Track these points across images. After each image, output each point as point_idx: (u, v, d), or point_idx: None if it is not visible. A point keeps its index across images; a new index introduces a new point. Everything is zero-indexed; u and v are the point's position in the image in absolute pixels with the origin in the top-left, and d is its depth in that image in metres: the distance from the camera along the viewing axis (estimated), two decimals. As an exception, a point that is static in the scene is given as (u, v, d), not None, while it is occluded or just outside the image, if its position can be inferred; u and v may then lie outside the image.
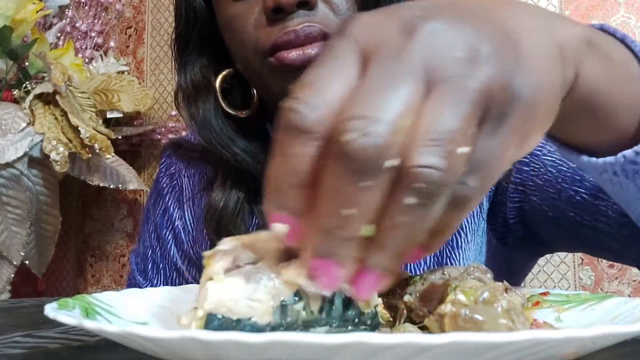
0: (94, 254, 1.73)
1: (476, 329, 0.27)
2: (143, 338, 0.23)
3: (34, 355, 0.34)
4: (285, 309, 0.27)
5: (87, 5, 1.71)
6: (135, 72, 1.71)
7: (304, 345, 0.21)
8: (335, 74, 0.25)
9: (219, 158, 0.66)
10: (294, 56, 0.55)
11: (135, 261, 0.77)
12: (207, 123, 0.64)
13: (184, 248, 0.73)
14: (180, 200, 0.74)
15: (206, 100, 0.65)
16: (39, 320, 0.47)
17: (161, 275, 0.74)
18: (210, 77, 0.66)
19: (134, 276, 0.76)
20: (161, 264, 0.74)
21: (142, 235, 0.78)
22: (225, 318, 0.27)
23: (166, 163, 0.78)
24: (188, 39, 0.68)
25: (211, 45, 0.66)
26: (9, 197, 1.34)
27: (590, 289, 1.25)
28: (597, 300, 0.37)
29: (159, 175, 0.78)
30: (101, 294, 0.37)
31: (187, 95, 0.66)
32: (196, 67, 0.67)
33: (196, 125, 0.65)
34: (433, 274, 0.36)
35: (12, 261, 1.36)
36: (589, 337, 0.23)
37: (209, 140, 0.64)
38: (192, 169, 0.75)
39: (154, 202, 0.77)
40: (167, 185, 0.76)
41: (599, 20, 1.28)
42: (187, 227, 0.73)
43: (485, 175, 0.25)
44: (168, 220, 0.74)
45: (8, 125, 1.32)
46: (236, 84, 0.67)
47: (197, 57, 0.67)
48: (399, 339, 0.21)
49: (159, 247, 0.75)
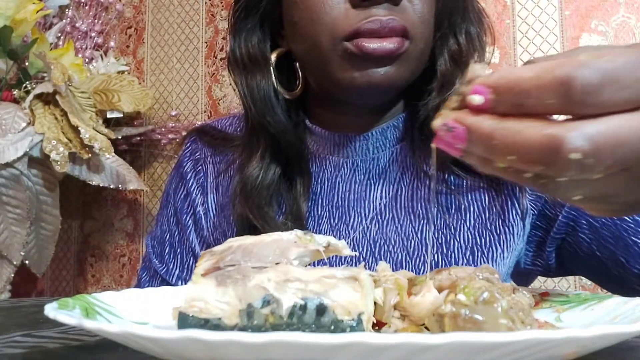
0: (94, 254, 1.73)
1: (476, 329, 0.27)
2: (143, 338, 0.23)
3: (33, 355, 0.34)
4: (252, 312, 0.28)
5: (87, 5, 1.71)
6: (135, 72, 1.71)
7: (304, 345, 0.21)
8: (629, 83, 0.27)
9: (262, 128, 0.66)
10: (375, 46, 0.55)
11: (152, 244, 0.76)
12: (266, 99, 0.64)
13: (204, 234, 0.72)
14: (204, 185, 0.74)
15: (265, 75, 0.65)
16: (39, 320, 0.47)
17: (177, 260, 0.73)
18: (266, 52, 0.66)
19: (149, 258, 0.76)
20: (179, 248, 0.74)
21: (160, 219, 0.77)
22: (194, 317, 0.28)
23: (191, 148, 0.77)
24: (254, 7, 0.66)
25: (271, 22, 0.66)
26: (9, 197, 1.34)
27: (590, 289, 1.25)
28: (597, 300, 0.37)
29: (182, 159, 0.77)
30: (101, 294, 0.37)
31: (243, 65, 0.66)
32: (254, 38, 0.66)
33: (253, 99, 0.65)
34: (439, 275, 0.36)
35: (12, 261, 1.36)
36: (589, 337, 0.23)
37: (263, 115, 0.64)
38: (218, 156, 0.74)
39: (175, 187, 0.76)
40: (191, 170, 0.75)
41: (599, 20, 1.28)
42: (209, 214, 0.72)
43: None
44: (189, 205, 0.74)
45: (8, 125, 1.31)
46: (282, 63, 0.67)
47: (257, 29, 0.67)
48: (399, 339, 0.21)
49: (178, 231, 0.74)
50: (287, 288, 0.29)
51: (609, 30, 1.27)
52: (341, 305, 0.29)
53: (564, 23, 1.31)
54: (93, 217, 1.74)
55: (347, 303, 0.29)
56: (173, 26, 1.69)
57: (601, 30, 1.28)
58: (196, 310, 0.28)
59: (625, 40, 1.26)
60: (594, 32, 1.29)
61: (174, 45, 1.68)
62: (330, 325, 0.29)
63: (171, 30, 1.69)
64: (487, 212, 0.61)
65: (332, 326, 0.29)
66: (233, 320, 0.28)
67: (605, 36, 1.28)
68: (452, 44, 0.63)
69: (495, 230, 0.61)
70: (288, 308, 0.28)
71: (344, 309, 0.29)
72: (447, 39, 0.63)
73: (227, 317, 0.28)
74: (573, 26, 1.30)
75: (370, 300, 0.31)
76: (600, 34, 1.28)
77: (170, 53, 1.68)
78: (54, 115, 1.32)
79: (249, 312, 0.28)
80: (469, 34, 0.64)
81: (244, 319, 0.28)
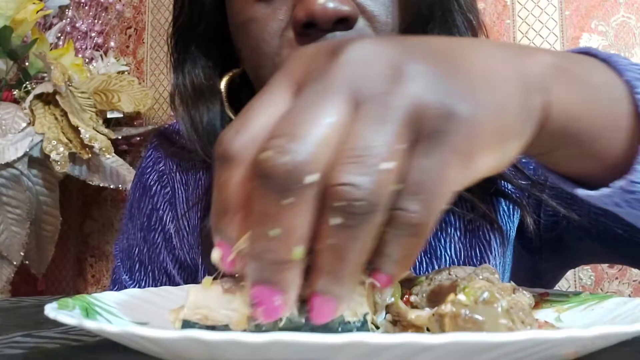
0: (94, 254, 1.73)
1: (476, 329, 0.27)
2: (143, 338, 0.23)
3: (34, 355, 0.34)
4: None
5: (87, 5, 1.71)
6: (135, 72, 1.71)
7: (304, 345, 0.21)
8: (265, 104, 0.25)
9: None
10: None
11: (120, 256, 0.70)
12: (212, 133, 0.57)
13: (176, 253, 0.66)
14: (171, 202, 0.67)
15: (210, 106, 0.57)
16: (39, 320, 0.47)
17: (149, 278, 0.67)
18: (215, 79, 0.58)
19: (119, 273, 0.69)
20: (149, 266, 0.67)
21: (127, 231, 0.70)
22: (199, 325, 0.27)
23: (153, 156, 0.69)
24: (190, 36, 0.58)
25: (217, 44, 0.58)
26: (9, 197, 1.34)
27: (590, 289, 1.25)
28: (597, 300, 0.37)
29: (145, 168, 0.69)
30: (101, 294, 0.37)
31: (187, 99, 0.58)
32: (198, 67, 0.59)
33: (198, 135, 0.57)
34: (439, 275, 0.36)
35: (12, 261, 1.36)
36: (589, 337, 0.23)
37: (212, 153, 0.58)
38: (185, 172, 0.66)
39: (139, 198, 0.69)
40: (155, 183, 0.68)
41: (599, 20, 1.28)
42: (181, 232, 0.65)
43: (427, 199, 0.24)
44: (157, 222, 0.67)
45: (8, 125, 1.32)
46: (243, 85, 0.58)
47: (200, 56, 0.59)
48: (399, 339, 0.21)
49: (147, 248, 0.68)
50: None
51: (609, 30, 1.27)
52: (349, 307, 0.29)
53: (564, 23, 1.31)
54: (93, 217, 1.74)
55: (354, 305, 0.29)
56: (173, 26, 1.69)
57: (601, 30, 1.28)
58: (201, 317, 0.28)
59: (626, 40, 1.26)
60: (594, 32, 1.29)
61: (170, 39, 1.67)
62: (338, 327, 0.29)
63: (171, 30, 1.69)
64: (472, 222, 0.57)
65: (340, 328, 0.29)
66: (240, 326, 0.28)
67: (605, 36, 1.28)
68: None
69: (484, 236, 0.57)
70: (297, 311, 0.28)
71: (351, 310, 0.29)
72: None
73: (234, 324, 0.28)
74: (573, 26, 1.30)
75: (371, 300, 0.31)
76: (600, 34, 1.28)
77: (170, 53, 1.68)
78: (54, 116, 1.32)
79: None
80: None
81: (252, 325, 0.28)
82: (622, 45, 1.26)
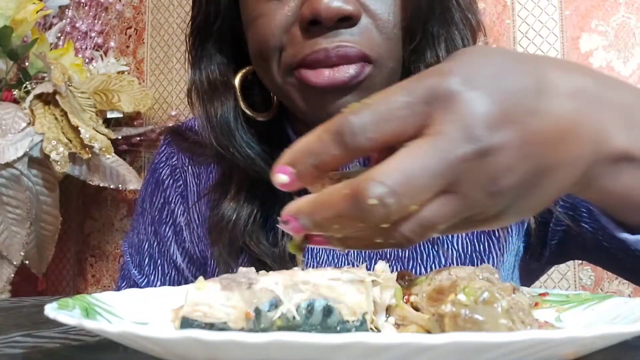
0: (94, 254, 1.73)
1: (476, 329, 0.27)
2: (143, 338, 0.23)
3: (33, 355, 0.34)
4: (259, 315, 0.28)
5: (87, 6, 1.71)
6: (135, 72, 1.71)
7: (304, 345, 0.21)
8: (395, 115, 0.28)
9: (233, 164, 0.60)
10: (319, 79, 0.50)
11: (130, 252, 0.71)
12: (225, 126, 0.59)
13: (186, 246, 0.68)
14: (184, 195, 0.69)
15: (224, 100, 0.60)
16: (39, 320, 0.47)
17: (159, 272, 0.69)
18: (229, 75, 0.60)
19: (128, 268, 0.71)
20: (159, 260, 0.69)
21: (137, 226, 0.72)
22: (198, 322, 0.28)
23: (167, 152, 0.72)
24: (207, 33, 0.61)
25: (232, 42, 0.61)
26: (9, 197, 1.34)
27: (590, 289, 1.25)
28: (597, 300, 0.37)
29: (158, 164, 0.71)
30: (101, 294, 0.37)
31: (202, 94, 0.61)
32: (213, 63, 0.61)
33: (212, 128, 0.59)
34: (439, 275, 0.36)
35: (12, 261, 1.36)
36: (589, 337, 0.23)
37: (225, 146, 0.59)
38: (197, 166, 0.69)
39: (151, 193, 0.71)
40: (167, 177, 0.70)
41: (599, 20, 1.28)
42: (191, 224, 0.67)
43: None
44: (168, 215, 0.69)
45: (8, 125, 1.32)
46: (256, 83, 0.61)
47: (216, 53, 0.61)
48: (399, 339, 0.21)
49: (157, 242, 0.69)
50: (295, 290, 0.29)
51: (609, 30, 1.27)
52: (347, 306, 0.29)
53: (564, 23, 1.31)
54: (93, 217, 1.74)
55: (353, 304, 0.29)
56: (173, 26, 1.69)
57: (601, 30, 1.28)
58: (200, 315, 0.28)
59: (625, 40, 1.26)
60: (594, 32, 1.29)
61: (173, 45, 1.68)
62: (337, 326, 0.29)
63: (171, 30, 1.69)
64: None
65: (338, 327, 0.29)
66: (239, 324, 0.28)
67: (605, 36, 1.28)
68: (429, 57, 0.55)
69: (494, 233, 0.59)
70: (296, 310, 0.28)
71: (349, 309, 0.29)
72: (424, 52, 0.55)
73: (232, 321, 0.28)
74: (573, 26, 1.30)
75: (371, 299, 0.31)
76: (600, 34, 1.28)
77: (170, 53, 1.68)
78: (54, 116, 1.32)
79: (256, 315, 0.28)
80: (452, 42, 0.55)
81: (251, 322, 0.28)
82: (622, 45, 1.26)
